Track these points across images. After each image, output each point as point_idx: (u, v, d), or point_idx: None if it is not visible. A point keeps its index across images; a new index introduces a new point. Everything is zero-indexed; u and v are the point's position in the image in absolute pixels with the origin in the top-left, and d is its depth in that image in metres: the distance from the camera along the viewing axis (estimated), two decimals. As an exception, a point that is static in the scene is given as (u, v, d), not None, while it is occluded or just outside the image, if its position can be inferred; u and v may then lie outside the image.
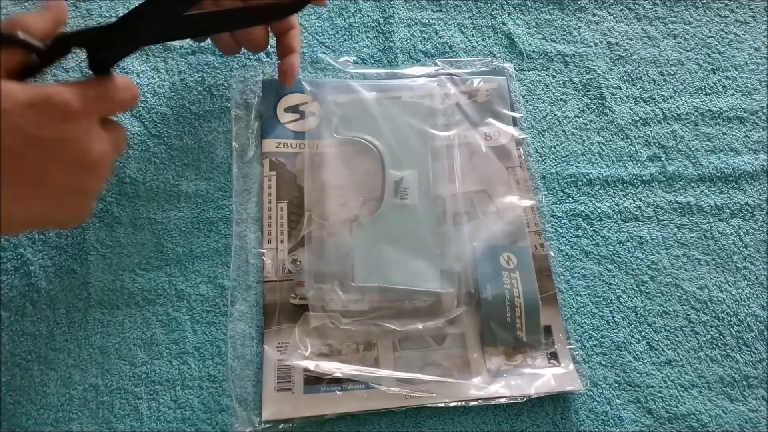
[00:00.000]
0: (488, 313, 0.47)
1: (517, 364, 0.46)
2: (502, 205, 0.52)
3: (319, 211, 0.50)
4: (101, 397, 0.44)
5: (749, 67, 0.62)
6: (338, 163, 0.52)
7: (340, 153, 0.53)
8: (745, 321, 0.50)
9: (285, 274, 0.48)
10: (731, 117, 0.59)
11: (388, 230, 0.49)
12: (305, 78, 0.56)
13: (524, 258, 0.50)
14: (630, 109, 0.58)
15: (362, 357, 0.46)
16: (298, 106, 0.55)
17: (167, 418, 0.44)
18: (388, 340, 0.46)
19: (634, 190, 0.55)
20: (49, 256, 0.48)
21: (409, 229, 0.50)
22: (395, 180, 0.51)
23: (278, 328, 0.46)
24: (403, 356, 0.46)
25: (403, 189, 0.51)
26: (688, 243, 0.53)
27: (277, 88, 0.55)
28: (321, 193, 0.51)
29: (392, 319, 0.47)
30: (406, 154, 0.53)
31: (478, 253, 0.50)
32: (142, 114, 0.54)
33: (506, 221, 0.51)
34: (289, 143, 0.53)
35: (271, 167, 0.52)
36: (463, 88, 0.57)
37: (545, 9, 0.63)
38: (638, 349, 0.48)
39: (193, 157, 0.52)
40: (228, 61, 0.57)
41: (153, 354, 0.45)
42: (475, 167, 0.54)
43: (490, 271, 0.49)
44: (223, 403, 0.44)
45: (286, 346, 0.45)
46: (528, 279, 0.49)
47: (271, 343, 0.46)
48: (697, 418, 0.46)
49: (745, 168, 0.56)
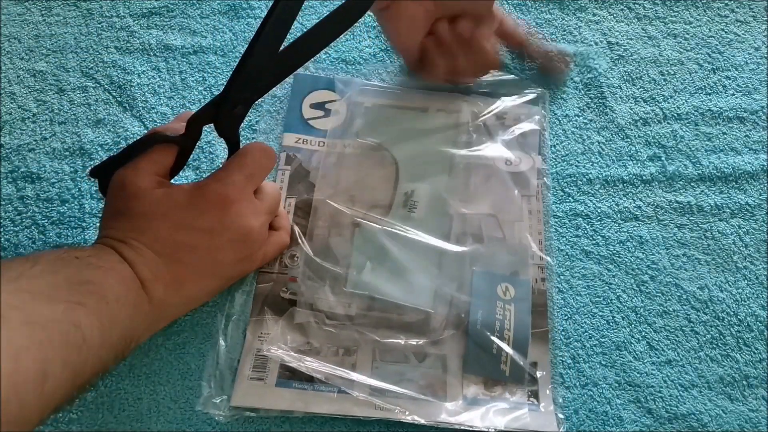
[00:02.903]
0: (475, 340, 0.46)
1: (495, 395, 0.44)
2: (510, 233, 0.51)
3: (325, 211, 0.50)
4: (101, 397, 0.44)
5: (749, 66, 0.62)
6: (354, 165, 0.52)
7: (357, 156, 0.53)
8: (745, 321, 0.50)
9: (281, 267, 0.48)
10: (731, 117, 0.59)
11: (388, 239, 0.49)
12: (338, 75, 0.56)
13: (523, 292, 0.48)
14: (630, 109, 0.58)
15: (340, 360, 0.45)
16: (324, 104, 0.55)
17: (167, 418, 0.44)
18: (369, 349, 0.45)
19: (634, 189, 0.55)
20: (50, 256, 0.48)
21: (410, 243, 0.49)
22: (406, 192, 0.51)
23: (263, 318, 0.46)
24: (381, 367, 0.45)
25: (412, 202, 0.50)
26: (688, 243, 0.53)
27: (307, 82, 0.55)
28: (331, 192, 0.51)
29: (376, 329, 0.46)
30: (422, 168, 0.52)
31: (476, 278, 0.48)
32: (142, 114, 0.54)
33: (511, 250, 0.50)
34: (309, 140, 0.53)
35: (287, 161, 0.52)
36: (492, 107, 0.56)
37: (545, 8, 0.63)
38: (638, 348, 0.48)
39: (193, 157, 0.52)
40: (229, 60, 0.57)
41: (153, 354, 0.45)
42: (490, 190, 0.52)
43: (485, 298, 0.48)
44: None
45: (267, 335, 0.45)
46: (522, 314, 0.47)
47: (254, 331, 0.46)
48: (697, 418, 0.46)
49: (746, 168, 0.56)
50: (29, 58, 0.56)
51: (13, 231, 0.49)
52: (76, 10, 0.59)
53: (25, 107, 0.54)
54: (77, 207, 0.50)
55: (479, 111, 0.55)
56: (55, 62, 0.56)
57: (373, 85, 0.56)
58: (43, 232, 0.49)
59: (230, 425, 0.43)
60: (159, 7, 0.60)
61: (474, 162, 0.53)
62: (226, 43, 0.58)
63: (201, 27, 0.59)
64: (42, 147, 0.52)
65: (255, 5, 0.60)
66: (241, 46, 0.58)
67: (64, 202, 0.50)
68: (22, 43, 0.57)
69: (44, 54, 0.57)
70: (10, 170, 0.51)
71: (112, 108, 0.54)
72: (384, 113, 0.55)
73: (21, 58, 0.56)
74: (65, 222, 0.49)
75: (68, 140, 0.53)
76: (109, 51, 0.57)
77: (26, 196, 0.50)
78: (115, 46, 0.57)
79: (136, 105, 0.55)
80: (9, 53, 0.57)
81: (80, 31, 0.58)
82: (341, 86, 0.55)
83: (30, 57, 0.57)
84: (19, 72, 0.56)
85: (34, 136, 0.53)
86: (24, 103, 0.54)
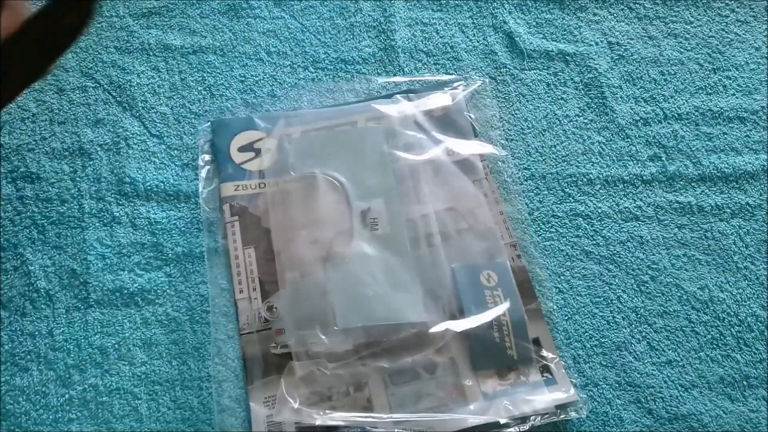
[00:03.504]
0: (476, 336, 0.46)
1: (512, 382, 0.45)
2: (474, 221, 0.50)
3: (289, 252, 0.48)
4: (101, 397, 0.44)
5: (750, 66, 0.62)
6: (303, 199, 0.50)
7: (303, 188, 0.50)
8: (745, 321, 0.50)
9: (262, 323, 0.46)
10: (732, 117, 0.59)
11: (362, 265, 0.47)
12: (256, 113, 0.54)
13: (504, 274, 0.48)
14: (630, 109, 0.58)
15: (354, 399, 0.44)
16: (252, 144, 0.52)
17: (167, 419, 0.43)
18: (379, 377, 0.44)
19: (634, 189, 0.55)
20: (49, 256, 0.48)
21: (384, 261, 0.47)
22: (362, 211, 0.49)
23: (263, 381, 0.44)
24: (396, 393, 0.44)
25: (372, 220, 0.49)
26: (689, 243, 0.53)
27: (228, 127, 0.52)
28: (288, 232, 0.49)
29: (380, 357, 0.45)
30: (369, 183, 0.50)
31: (458, 274, 0.48)
32: (141, 114, 0.54)
33: (481, 237, 0.50)
34: (249, 184, 0.50)
35: (232, 212, 0.49)
36: (418, 103, 0.55)
37: (546, 8, 0.63)
38: (639, 349, 0.48)
39: (193, 157, 0.52)
40: (229, 60, 0.57)
41: (152, 354, 0.45)
42: (443, 185, 0.52)
43: (472, 291, 0.47)
44: (222, 403, 0.44)
45: (273, 399, 0.43)
46: (511, 295, 0.47)
47: (257, 399, 0.43)
48: (698, 419, 0.46)
49: (746, 168, 0.56)
50: (29, 57, 0.56)
51: (12, 231, 0.49)
52: (76, 10, 0.59)
53: (24, 107, 0.54)
54: (77, 207, 0.50)
55: (407, 110, 0.54)
56: (54, 62, 0.56)
57: (296, 113, 0.54)
58: (42, 232, 0.49)
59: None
60: (159, 7, 0.60)
61: (417, 162, 0.52)
62: (226, 43, 0.58)
63: (201, 27, 0.59)
64: (41, 147, 0.52)
65: (255, 5, 0.60)
66: (240, 46, 0.58)
67: (63, 202, 0.50)
68: (22, 42, 0.57)
69: (44, 54, 0.57)
70: (10, 170, 0.51)
71: (112, 108, 0.54)
72: (315, 140, 0.52)
73: (20, 58, 0.56)
74: (64, 222, 0.49)
75: (68, 140, 0.53)
76: (108, 51, 0.57)
77: (25, 196, 0.50)
78: (115, 46, 0.57)
79: (135, 105, 0.55)
80: (8, 53, 0.57)
81: (80, 30, 0.58)
82: (263, 124, 0.53)
83: (29, 57, 0.56)
84: (19, 72, 0.56)
85: (33, 136, 0.53)
86: (23, 103, 0.54)
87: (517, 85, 0.59)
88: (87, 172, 0.51)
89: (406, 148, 0.53)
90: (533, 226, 0.52)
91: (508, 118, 0.57)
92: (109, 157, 0.52)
